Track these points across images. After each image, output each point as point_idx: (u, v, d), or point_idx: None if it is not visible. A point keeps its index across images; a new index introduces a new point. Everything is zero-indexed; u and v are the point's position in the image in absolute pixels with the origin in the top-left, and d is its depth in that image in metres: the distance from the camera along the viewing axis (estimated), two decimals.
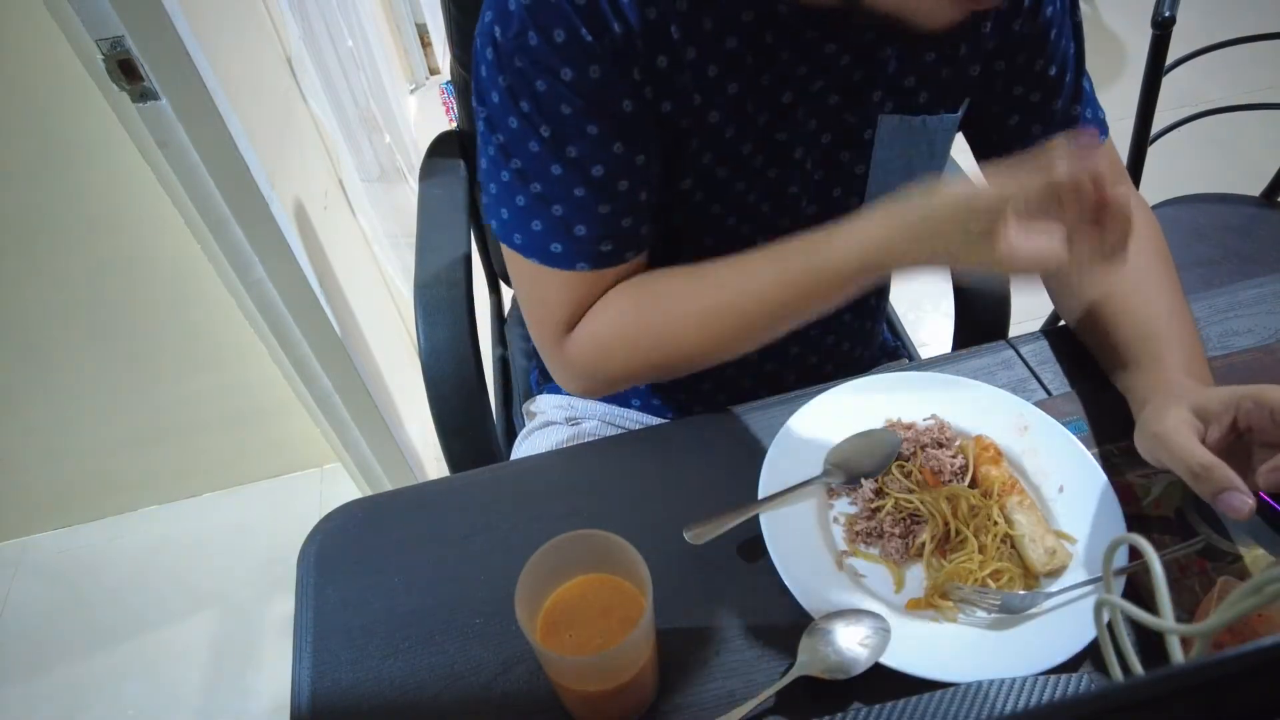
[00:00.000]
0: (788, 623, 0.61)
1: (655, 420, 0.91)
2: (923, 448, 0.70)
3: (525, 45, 0.60)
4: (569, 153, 0.63)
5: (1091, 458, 0.68)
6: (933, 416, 0.73)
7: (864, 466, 0.69)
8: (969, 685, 0.55)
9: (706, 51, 0.64)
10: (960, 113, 0.75)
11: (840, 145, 0.73)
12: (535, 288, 0.70)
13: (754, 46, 0.65)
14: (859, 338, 0.90)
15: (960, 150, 0.83)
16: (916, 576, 0.64)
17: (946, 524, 0.65)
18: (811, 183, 0.74)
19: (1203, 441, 0.56)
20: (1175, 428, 0.57)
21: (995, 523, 0.64)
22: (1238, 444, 0.58)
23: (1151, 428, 0.60)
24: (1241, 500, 0.53)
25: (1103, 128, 0.79)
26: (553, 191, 0.64)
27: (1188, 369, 0.64)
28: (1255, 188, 1.50)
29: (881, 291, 0.92)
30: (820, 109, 0.70)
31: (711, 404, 0.81)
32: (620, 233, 0.68)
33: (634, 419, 0.92)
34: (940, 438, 0.71)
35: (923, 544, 0.64)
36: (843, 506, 0.69)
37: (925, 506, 0.66)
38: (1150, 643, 0.59)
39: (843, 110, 0.71)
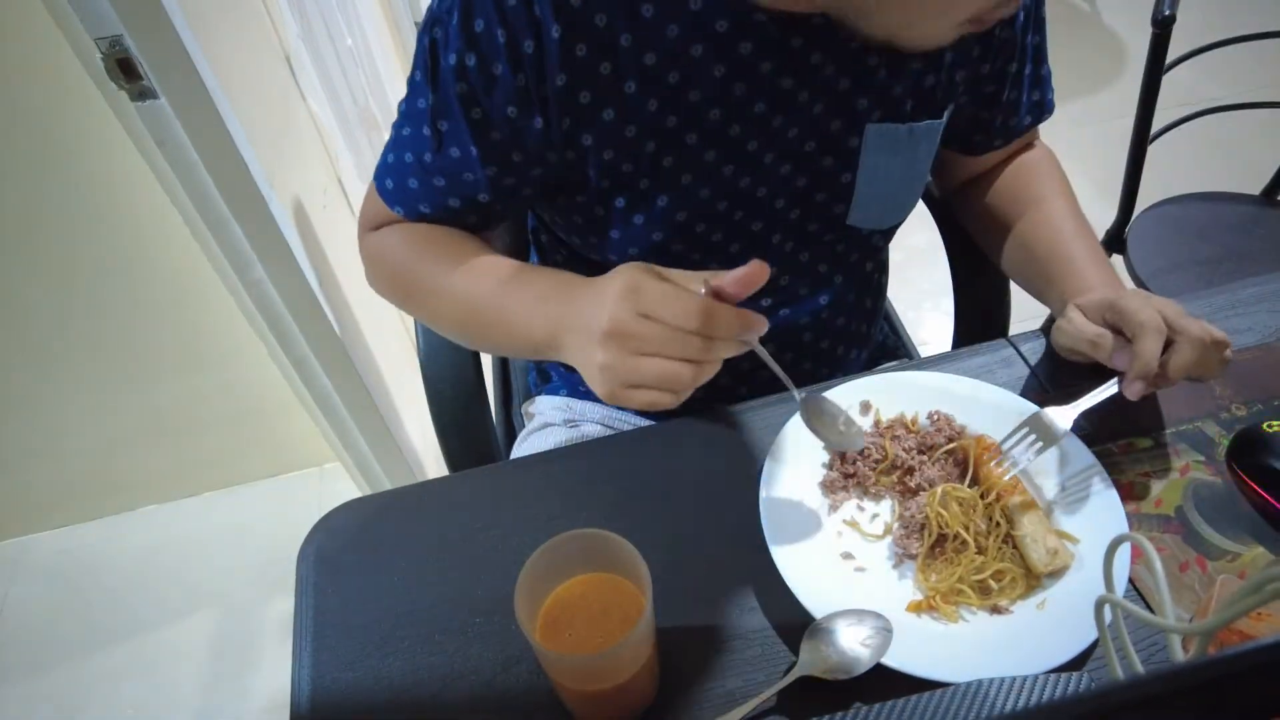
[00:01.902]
0: (789, 622, 0.61)
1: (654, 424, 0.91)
2: (922, 451, 0.70)
3: (448, 21, 0.63)
4: (440, 125, 0.68)
5: (1093, 456, 0.67)
6: (936, 413, 0.73)
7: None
8: (970, 684, 0.55)
9: (667, 58, 0.65)
10: (945, 118, 0.76)
11: (824, 152, 0.73)
12: (370, 189, 0.77)
13: (726, 56, 0.65)
14: (855, 342, 0.90)
15: None
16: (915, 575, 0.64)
17: (942, 530, 0.64)
18: (793, 189, 0.74)
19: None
20: (1072, 316, 0.70)
21: (996, 523, 0.64)
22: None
23: (1055, 327, 0.73)
24: (1128, 357, 0.65)
25: (1049, 108, 0.85)
26: (412, 144, 0.70)
27: (1093, 272, 0.75)
28: (1255, 186, 1.50)
29: (878, 293, 0.92)
30: (804, 118, 0.70)
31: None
32: (443, 208, 0.73)
33: (632, 422, 0.92)
34: (950, 433, 0.71)
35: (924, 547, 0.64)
36: (848, 509, 0.69)
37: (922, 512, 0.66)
38: (1151, 642, 0.59)
39: (828, 119, 0.71)
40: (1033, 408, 0.71)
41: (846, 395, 0.74)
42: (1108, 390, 0.68)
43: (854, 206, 0.76)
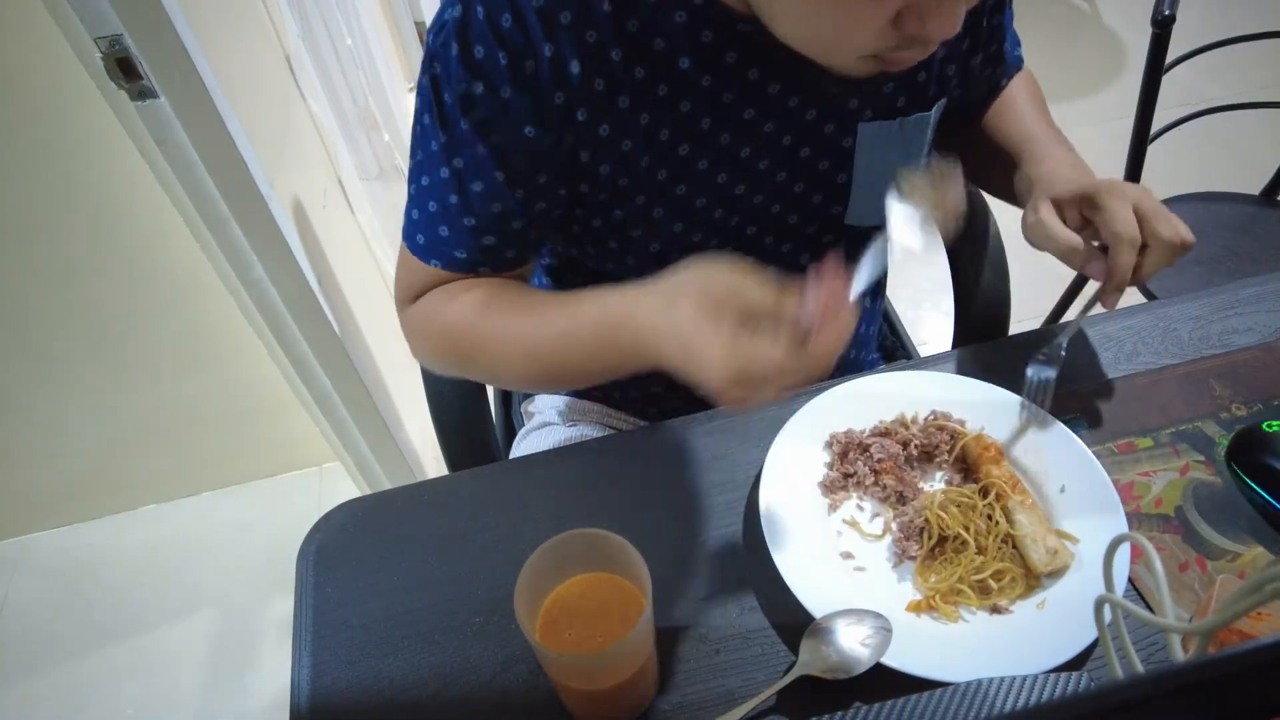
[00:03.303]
0: (789, 622, 0.61)
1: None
2: (923, 451, 0.71)
3: (446, 55, 0.62)
4: (455, 163, 0.66)
5: (1093, 456, 0.67)
6: (931, 413, 0.73)
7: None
8: (970, 684, 0.55)
9: (656, 72, 0.64)
10: (936, 111, 0.76)
11: (818, 155, 0.73)
12: (401, 256, 0.74)
13: (713, 66, 0.65)
14: (856, 342, 0.90)
15: None
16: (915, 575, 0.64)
17: (942, 532, 0.64)
18: (789, 194, 0.74)
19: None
20: (1048, 217, 0.67)
21: (996, 523, 0.64)
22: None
23: (1029, 217, 0.69)
24: (1101, 268, 0.65)
25: (1021, 61, 0.86)
26: (434, 191, 0.68)
27: (1060, 157, 0.74)
28: (1255, 186, 1.50)
29: (876, 291, 0.92)
30: (796, 123, 0.70)
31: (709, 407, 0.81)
32: (480, 247, 0.70)
33: (630, 422, 0.92)
34: (944, 427, 0.71)
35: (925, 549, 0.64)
36: (848, 509, 0.69)
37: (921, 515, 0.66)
38: (1151, 641, 0.59)
39: (821, 123, 0.71)
40: (1033, 407, 0.71)
41: (846, 395, 0.74)
42: (1093, 309, 0.70)
43: (851, 205, 0.77)
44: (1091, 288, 0.69)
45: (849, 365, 0.91)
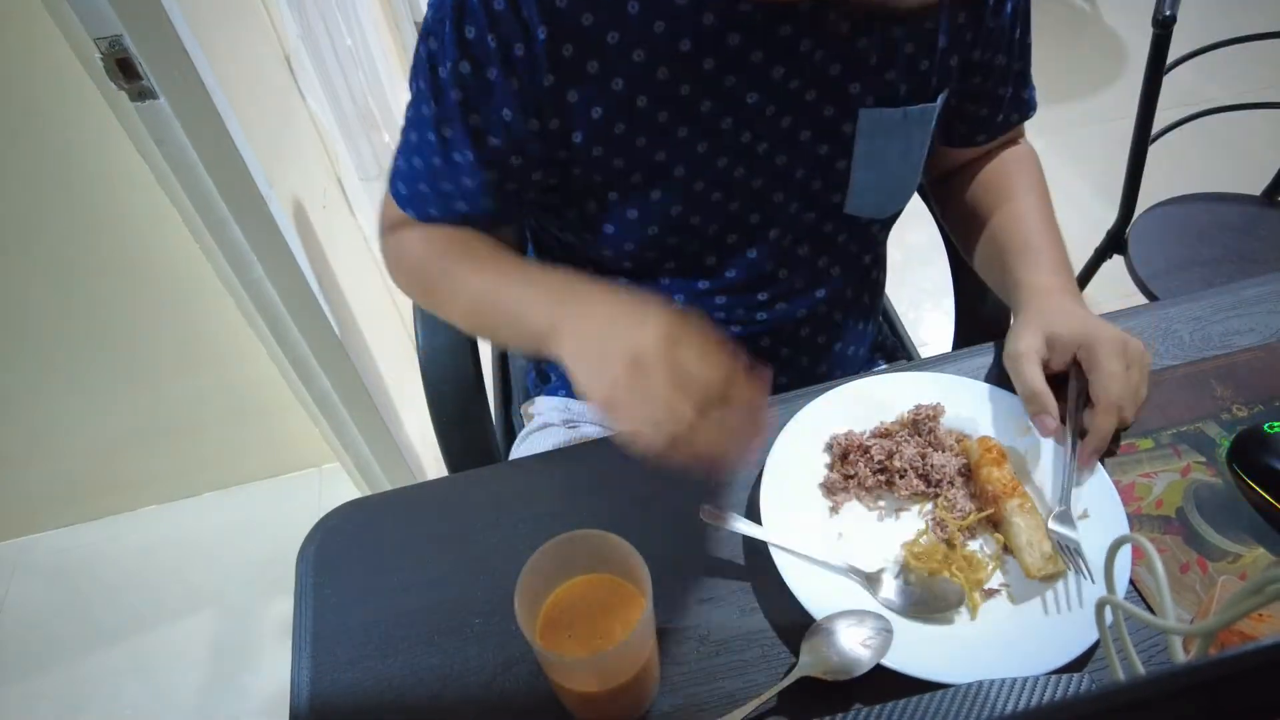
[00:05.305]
0: (789, 623, 0.61)
1: None
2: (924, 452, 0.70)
3: (441, 31, 0.64)
4: (444, 130, 0.69)
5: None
6: (915, 407, 0.73)
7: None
8: (970, 685, 0.55)
9: (655, 55, 0.65)
10: (939, 103, 0.75)
11: (818, 140, 0.73)
12: (385, 194, 0.78)
13: (715, 49, 0.65)
14: (851, 338, 0.90)
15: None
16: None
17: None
18: (790, 179, 0.74)
19: (1048, 364, 0.69)
20: (1025, 354, 0.69)
21: (994, 524, 0.64)
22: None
23: (1010, 346, 0.71)
24: (1047, 422, 0.67)
25: (1033, 106, 0.85)
26: (420, 149, 0.71)
27: (1054, 273, 0.75)
28: (1256, 187, 1.50)
29: (875, 290, 0.92)
30: (797, 106, 0.70)
31: None
32: (450, 211, 0.74)
33: None
34: (932, 437, 0.71)
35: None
36: (848, 510, 0.68)
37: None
38: (1152, 643, 0.59)
39: (821, 105, 0.71)
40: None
41: (846, 397, 0.74)
42: (1074, 474, 0.66)
43: (851, 193, 0.77)
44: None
45: (843, 361, 0.90)
